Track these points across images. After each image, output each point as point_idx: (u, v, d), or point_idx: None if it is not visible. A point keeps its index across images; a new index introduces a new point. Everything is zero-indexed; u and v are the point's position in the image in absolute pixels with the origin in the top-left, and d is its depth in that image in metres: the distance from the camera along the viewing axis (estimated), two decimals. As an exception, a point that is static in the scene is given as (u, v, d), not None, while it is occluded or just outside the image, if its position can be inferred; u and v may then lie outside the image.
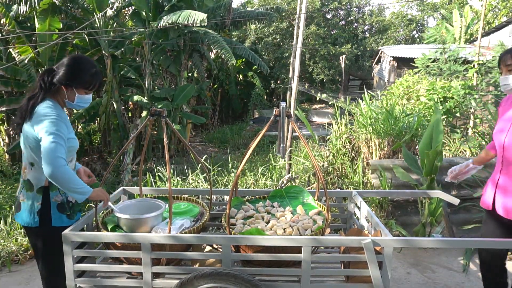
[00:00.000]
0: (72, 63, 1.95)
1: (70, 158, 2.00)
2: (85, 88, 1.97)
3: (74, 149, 2.01)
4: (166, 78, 12.20)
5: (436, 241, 1.87)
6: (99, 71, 2.02)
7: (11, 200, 5.85)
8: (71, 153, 1.99)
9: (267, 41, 20.63)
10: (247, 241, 1.81)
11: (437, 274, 3.19)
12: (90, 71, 1.96)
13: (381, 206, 3.99)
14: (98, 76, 2.00)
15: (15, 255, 3.47)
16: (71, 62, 1.95)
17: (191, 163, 8.12)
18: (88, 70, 1.96)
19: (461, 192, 3.94)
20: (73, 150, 2.01)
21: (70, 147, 1.95)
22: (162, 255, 1.88)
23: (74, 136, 1.99)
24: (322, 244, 1.86)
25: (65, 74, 1.91)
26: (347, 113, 5.44)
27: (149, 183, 4.72)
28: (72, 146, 1.97)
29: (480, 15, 8.50)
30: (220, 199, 4.08)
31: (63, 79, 1.92)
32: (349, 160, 4.81)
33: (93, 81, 1.97)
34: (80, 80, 1.94)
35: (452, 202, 2.41)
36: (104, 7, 9.07)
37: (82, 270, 1.95)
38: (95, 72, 1.98)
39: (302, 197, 2.40)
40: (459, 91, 6.36)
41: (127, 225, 1.98)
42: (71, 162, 2.04)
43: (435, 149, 3.43)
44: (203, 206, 2.35)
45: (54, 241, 1.90)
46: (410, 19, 26.36)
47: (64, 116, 1.95)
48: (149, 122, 2.20)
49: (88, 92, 2.00)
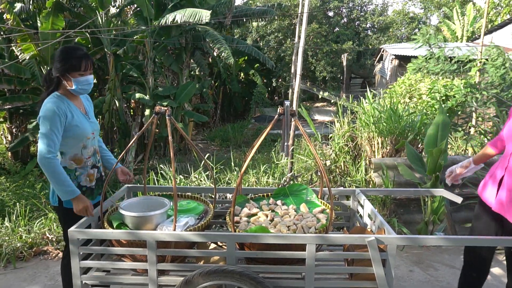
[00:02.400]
0: (58, 54, 2.10)
1: (80, 144, 2.13)
2: (77, 71, 2.08)
3: (80, 136, 2.12)
4: (168, 76, 12.21)
5: (439, 239, 1.88)
6: (84, 52, 2.12)
7: (15, 198, 5.88)
8: (77, 140, 2.12)
9: (268, 39, 20.62)
10: (252, 238, 1.82)
11: (440, 272, 3.21)
12: (75, 54, 2.08)
13: (383, 204, 3.99)
14: (85, 56, 2.10)
15: (19, 252, 3.50)
16: (58, 53, 2.12)
17: (193, 161, 8.14)
18: (73, 54, 2.08)
19: (463, 190, 3.95)
20: (79, 137, 2.12)
21: (75, 135, 2.10)
22: (167, 252, 1.89)
23: (79, 123, 2.11)
24: (326, 242, 1.87)
25: (56, 66, 2.08)
26: (349, 112, 5.44)
27: (152, 181, 4.74)
28: (76, 133, 2.10)
29: (483, 13, 8.47)
30: (223, 197, 4.09)
31: (56, 71, 2.09)
32: (351, 159, 4.81)
33: (81, 61, 2.08)
34: (69, 66, 2.07)
35: (455, 201, 2.42)
36: (107, 5, 9.08)
37: (88, 267, 1.97)
38: (80, 54, 2.09)
39: (306, 195, 2.41)
40: (461, 90, 6.35)
41: (133, 222, 1.99)
42: (85, 149, 2.16)
43: (439, 147, 3.43)
44: (207, 204, 2.36)
45: (68, 220, 2.11)
46: (412, 17, 26.28)
47: (62, 107, 2.06)
48: (154, 121, 2.22)
49: (84, 74, 2.09)
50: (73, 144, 2.12)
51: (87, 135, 2.17)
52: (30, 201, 5.15)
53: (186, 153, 11.48)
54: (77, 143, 2.13)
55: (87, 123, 2.20)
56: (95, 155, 2.25)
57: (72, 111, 2.12)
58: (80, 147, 2.14)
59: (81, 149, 2.15)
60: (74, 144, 2.12)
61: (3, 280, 3.12)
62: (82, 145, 2.15)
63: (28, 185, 6.94)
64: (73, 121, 2.10)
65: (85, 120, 2.19)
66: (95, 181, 2.26)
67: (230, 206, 2.40)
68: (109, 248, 1.97)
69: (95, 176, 2.25)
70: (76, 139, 2.12)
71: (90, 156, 2.21)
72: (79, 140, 2.13)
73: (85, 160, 2.18)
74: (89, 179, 2.22)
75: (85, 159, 2.18)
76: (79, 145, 2.14)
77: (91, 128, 2.21)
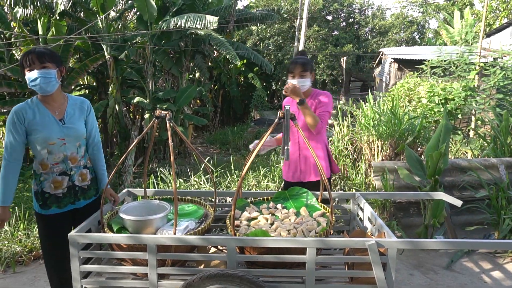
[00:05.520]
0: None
1: (44, 149, 2.07)
2: (25, 68, 2.08)
3: (40, 140, 2.06)
4: (168, 79, 12.23)
5: (439, 243, 1.89)
6: (26, 51, 2.10)
7: (14, 201, 5.87)
8: (39, 143, 2.07)
9: (268, 43, 20.68)
10: (253, 242, 1.83)
11: (440, 276, 3.20)
12: (23, 55, 2.10)
13: (383, 207, 4.00)
14: (25, 54, 2.08)
15: (19, 256, 3.49)
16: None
17: (192, 165, 8.14)
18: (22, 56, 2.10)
19: (463, 193, 3.96)
20: (39, 140, 2.07)
21: (35, 138, 2.06)
22: (168, 256, 1.89)
23: (40, 126, 2.05)
24: (327, 246, 1.87)
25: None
26: (349, 115, 5.45)
27: (152, 185, 4.74)
28: (36, 137, 2.06)
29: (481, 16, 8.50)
30: (223, 200, 4.09)
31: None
32: (351, 162, 4.82)
33: (23, 60, 2.08)
34: (20, 64, 2.10)
35: (455, 204, 2.42)
36: (108, 8, 9.11)
37: (88, 271, 1.97)
38: (23, 54, 2.11)
39: (306, 199, 2.42)
40: (460, 93, 6.37)
41: (133, 226, 1.99)
42: (51, 154, 2.09)
43: (439, 151, 3.44)
44: (207, 208, 2.37)
45: (38, 224, 2.20)
46: (411, 21, 26.38)
47: (24, 109, 2.06)
48: (154, 124, 2.22)
49: (29, 70, 2.05)
50: (37, 147, 2.07)
51: (50, 140, 2.06)
52: (29, 205, 5.13)
53: (185, 157, 11.47)
54: (40, 147, 2.07)
55: (55, 127, 2.08)
56: (66, 162, 2.12)
57: (36, 113, 2.07)
58: (44, 151, 2.07)
59: (46, 154, 2.07)
60: (38, 148, 2.07)
61: (2, 284, 3.11)
62: (46, 150, 2.07)
63: (27, 189, 6.93)
64: (34, 123, 2.05)
65: (52, 124, 2.08)
66: (64, 189, 2.14)
67: (230, 210, 2.40)
68: (110, 252, 1.97)
69: (64, 184, 2.13)
70: (38, 143, 2.06)
71: (58, 162, 2.10)
72: (40, 144, 2.06)
73: (51, 166, 2.09)
74: (54, 186, 2.11)
75: (50, 164, 2.09)
76: (43, 149, 2.07)
77: (61, 133, 2.09)
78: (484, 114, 6.32)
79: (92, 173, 2.30)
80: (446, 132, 3.66)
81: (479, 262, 3.42)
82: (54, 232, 2.15)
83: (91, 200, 2.28)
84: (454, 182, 4.02)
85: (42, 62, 2.03)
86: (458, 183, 4.01)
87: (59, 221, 2.16)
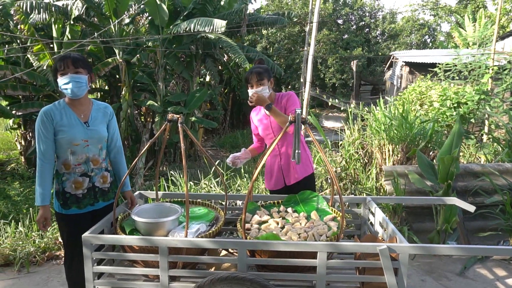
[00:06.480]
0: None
1: (68, 149, 2.16)
2: (58, 72, 2.16)
3: (64, 140, 2.15)
4: (179, 83, 12.34)
5: (452, 249, 1.86)
6: (62, 56, 2.20)
7: (29, 202, 5.98)
8: (63, 144, 2.15)
9: (278, 47, 20.72)
10: (264, 246, 1.83)
11: (453, 282, 3.16)
12: (58, 58, 2.22)
13: (394, 212, 3.96)
14: (61, 59, 2.17)
15: (33, 256, 3.55)
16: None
17: (203, 168, 8.17)
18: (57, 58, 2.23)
19: (476, 199, 3.89)
20: (64, 141, 2.15)
21: (61, 138, 2.14)
22: (179, 258, 1.91)
23: (66, 127, 2.15)
24: (338, 250, 1.86)
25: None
26: (359, 119, 5.42)
27: (162, 188, 4.78)
28: (62, 137, 2.14)
29: (494, 19, 8.39)
30: (233, 204, 4.10)
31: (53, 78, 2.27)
32: (362, 166, 4.79)
33: (58, 64, 2.17)
34: (53, 68, 2.21)
35: (468, 209, 2.39)
36: (121, 13, 9.26)
37: (100, 272, 2.00)
38: (58, 58, 2.20)
39: (316, 203, 2.41)
40: (474, 97, 6.29)
41: (145, 228, 2.02)
42: (74, 155, 2.17)
43: (451, 155, 3.40)
44: (218, 211, 2.38)
45: (61, 226, 2.29)
46: (422, 24, 26.16)
47: (52, 110, 2.16)
48: (166, 128, 2.25)
49: (62, 74, 2.14)
50: (61, 147, 2.16)
51: (75, 141, 2.15)
52: (43, 206, 5.23)
53: (196, 160, 11.54)
54: (65, 148, 2.16)
55: (80, 129, 2.17)
56: (88, 163, 2.21)
57: (63, 114, 2.17)
58: (68, 152, 2.17)
59: (69, 154, 2.17)
60: (62, 148, 2.16)
61: (17, 284, 3.17)
62: (70, 150, 2.16)
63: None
64: (60, 124, 2.14)
65: (78, 125, 2.17)
66: (84, 190, 2.22)
67: (240, 213, 2.41)
68: (122, 254, 1.99)
69: (84, 185, 2.21)
70: (62, 143, 2.15)
71: (81, 163, 2.19)
72: (65, 144, 2.15)
73: (73, 167, 2.18)
74: (75, 186, 2.19)
75: (73, 165, 2.18)
76: (67, 150, 2.16)
77: (85, 135, 2.18)
78: (498, 118, 6.22)
79: (112, 176, 2.38)
80: (458, 136, 3.62)
81: (493, 269, 3.35)
82: (75, 231, 2.19)
83: (109, 202, 2.35)
84: (467, 187, 3.96)
85: (76, 67, 2.14)
86: (471, 188, 3.95)
87: (80, 222, 2.22)
